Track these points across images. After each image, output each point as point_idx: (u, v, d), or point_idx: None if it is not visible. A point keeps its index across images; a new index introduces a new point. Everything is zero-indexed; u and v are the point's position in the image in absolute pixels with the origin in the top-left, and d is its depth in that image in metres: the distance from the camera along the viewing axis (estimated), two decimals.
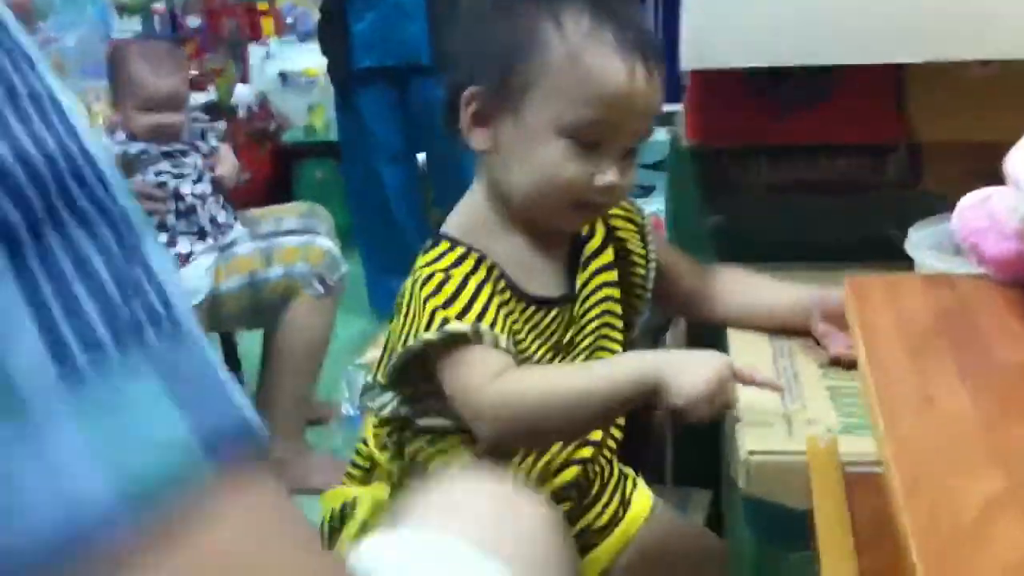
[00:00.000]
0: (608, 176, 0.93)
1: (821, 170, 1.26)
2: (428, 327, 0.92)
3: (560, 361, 1.01)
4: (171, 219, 2.01)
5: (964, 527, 0.51)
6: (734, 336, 1.08)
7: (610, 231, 1.06)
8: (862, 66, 1.14)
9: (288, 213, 2.24)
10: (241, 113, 3.33)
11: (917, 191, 1.23)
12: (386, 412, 1.01)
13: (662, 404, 0.88)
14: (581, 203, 0.95)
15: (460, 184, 2.75)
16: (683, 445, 1.26)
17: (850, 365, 0.97)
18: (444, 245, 0.97)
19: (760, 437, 0.88)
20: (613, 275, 1.05)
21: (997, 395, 0.64)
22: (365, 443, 1.06)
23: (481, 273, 0.95)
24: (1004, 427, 0.59)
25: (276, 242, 2.13)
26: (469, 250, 0.96)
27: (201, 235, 2.04)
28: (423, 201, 2.94)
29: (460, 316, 0.92)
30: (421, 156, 2.89)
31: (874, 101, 1.20)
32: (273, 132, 3.50)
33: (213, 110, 2.99)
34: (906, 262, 1.07)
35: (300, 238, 2.15)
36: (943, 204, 1.14)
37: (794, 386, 0.97)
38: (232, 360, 2.33)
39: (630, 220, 1.08)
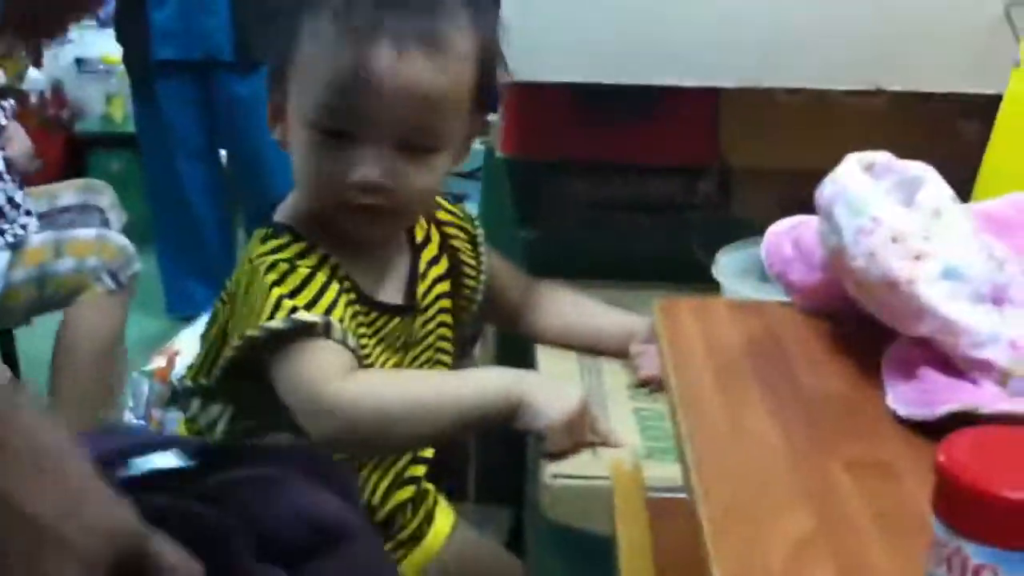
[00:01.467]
0: (361, 170, 0.85)
1: (635, 189, 1.26)
2: (272, 316, 0.84)
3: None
4: None
5: (773, 571, 0.49)
6: (542, 352, 1.06)
7: (444, 239, 1.02)
8: (681, 88, 1.14)
9: (64, 189, 2.12)
10: (33, 99, 3.13)
11: (727, 215, 1.24)
12: (219, 430, 0.93)
13: (520, 424, 0.85)
14: (348, 204, 0.87)
15: (264, 183, 2.67)
16: (486, 461, 1.23)
17: (658, 388, 0.96)
18: (286, 236, 0.89)
19: (564, 460, 0.86)
20: (447, 286, 1.01)
21: (804, 426, 0.63)
22: None
23: (327, 270, 0.88)
24: (813, 460, 0.59)
25: (68, 234, 2.00)
26: (313, 246, 0.89)
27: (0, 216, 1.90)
28: (225, 200, 2.83)
29: (308, 307, 0.85)
30: (223, 153, 2.78)
31: (690, 123, 1.21)
32: (67, 120, 3.30)
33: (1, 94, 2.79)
34: (715, 287, 1.07)
35: (93, 232, 2.03)
36: (751, 229, 1.16)
37: (601, 407, 0.95)
38: (9, 358, 2.17)
39: (463, 229, 1.04)
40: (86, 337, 1.97)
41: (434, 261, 1.00)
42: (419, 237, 0.99)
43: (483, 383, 0.88)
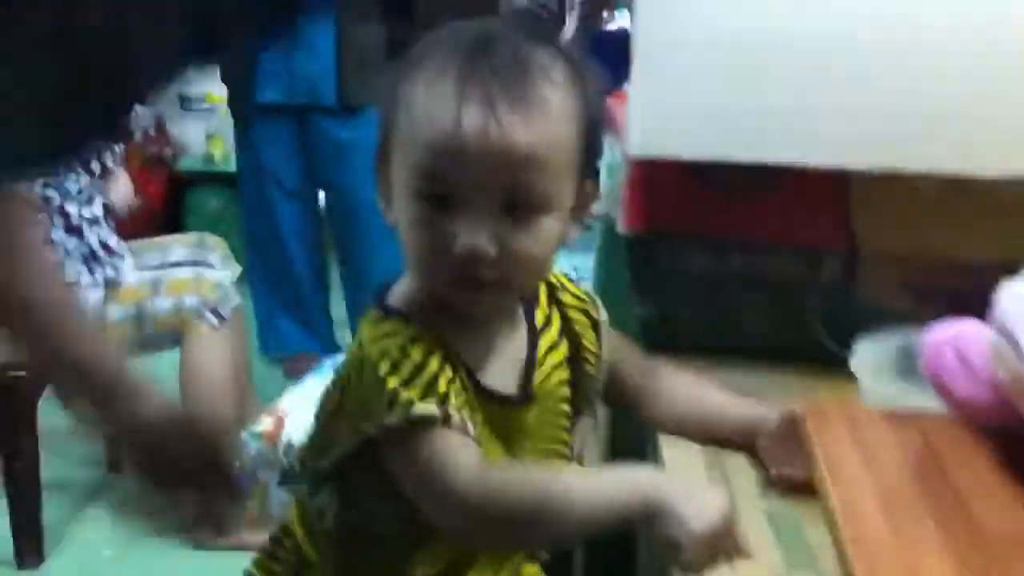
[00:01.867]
0: (465, 237, 0.81)
1: (756, 266, 1.22)
2: (389, 409, 0.82)
3: None
4: (59, 234, 1.90)
5: None
6: (665, 442, 1.02)
7: (565, 323, 0.98)
8: (808, 167, 1.11)
9: (176, 243, 2.15)
10: (136, 136, 3.19)
11: (852, 298, 1.20)
12: (329, 520, 0.91)
13: (659, 531, 0.80)
14: (454, 276, 0.84)
15: (360, 225, 2.69)
16: (594, 556, 1.20)
17: (791, 488, 0.92)
18: (397, 320, 0.87)
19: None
20: (567, 372, 0.97)
21: (982, 566, 0.59)
22: (289, 534, 0.96)
23: (439, 356, 0.85)
24: None
25: (165, 273, 2.04)
26: (424, 330, 0.86)
27: (92, 258, 1.94)
28: (319, 241, 2.85)
29: (423, 398, 0.82)
30: (322, 195, 2.80)
31: (816, 203, 1.18)
32: (169, 158, 3.36)
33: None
34: (835, 367, 1.04)
35: (191, 269, 2.06)
36: (877, 314, 1.12)
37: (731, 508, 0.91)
38: None
39: (586, 313, 1.00)
40: (204, 374, 2.00)
41: (553, 347, 0.97)
42: (539, 321, 0.96)
43: (621, 485, 0.84)
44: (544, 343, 0.95)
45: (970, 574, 0.57)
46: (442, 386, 0.83)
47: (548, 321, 0.97)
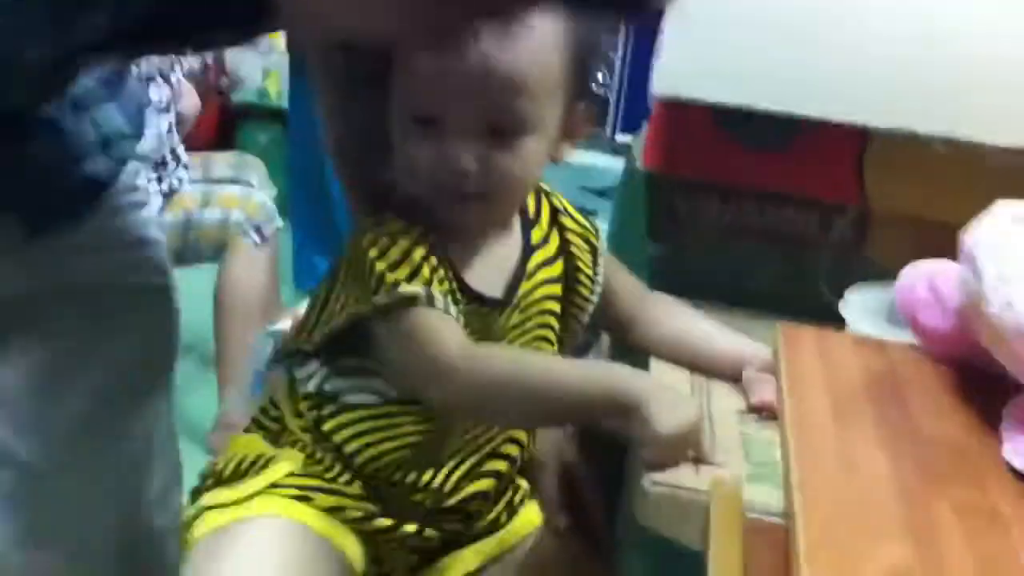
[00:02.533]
0: (451, 155, 0.88)
1: (768, 218, 1.25)
2: (377, 289, 0.88)
3: None
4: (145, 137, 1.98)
5: None
6: (656, 364, 1.06)
7: (564, 244, 1.03)
8: (828, 123, 1.14)
9: (218, 160, 2.22)
10: (196, 65, 3.26)
11: (860, 256, 1.23)
12: (311, 385, 0.97)
13: (626, 427, 0.85)
14: (441, 189, 0.90)
15: None
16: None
17: (768, 417, 0.95)
18: (390, 219, 0.93)
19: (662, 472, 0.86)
20: (557, 289, 1.02)
21: (915, 465, 0.63)
22: (275, 405, 1.02)
23: (425, 246, 0.91)
24: (919, 498, 0.58)
25: (214, 187, 2.10)
26: (413, 224, 0.92)
27: (162, 165, 2.00)
28: None
29: (408, 280, 0.88)
30: None
31: (833, 159, 1.20)
32: (225, 88, 3.43)
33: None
34: (837, 323, 1.06)
35: (239, 188, 2.12)
36: (884, 272, 1.15)
37: (708, 426, 0.95)
38: None
39: (586, 240, 1.05)
40: (242, 290, 2.06)
41: (547, 263, 1.01)
42: (536, 238, 1.01)
43: (598, 374, 0.89)
44: (537, 258, 1.00)
45: (896, 460, 0.61)
46: (425, 272, 0.89)
47: (545, 240, 1.02)
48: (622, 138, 3.32)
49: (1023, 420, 0.64)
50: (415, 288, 0.88)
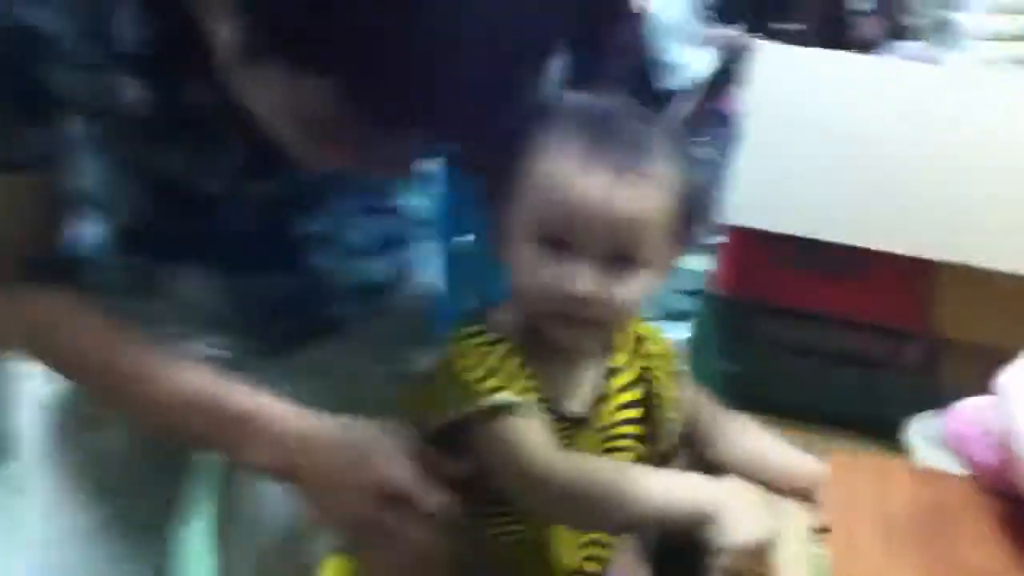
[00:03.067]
0: (580, 281, 0.93)
1: (841, 342, 1.29)
2: (468, 397, 0.94)
3: None
4: None
5: None
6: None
7: (644, 371, 1.08)
8: (892, 253, 1.18)
9: None
10: None
11: (933, 382, 1.25)
12: None
13: (706, 538, 0.89)
14: (563, 313, 0.95)
15: None
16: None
17: None
18: (482, 335, 0.99)
19: None
20: (638, 413, 1.07)
21: None
22: None
23: (515, 362, 0.97)
24: None
25: None
26: (504, 338, 0.98)
27: None
28: None
29: (501, 389, 0.94)
30: None
31: (902, 286, 1.24)
32: None
33: None
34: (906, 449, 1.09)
35: None
36: (955, 400, 1.17)
37: (779, 542, 0.97)
38: None
39: (668, 362, 1.10)
40: None
41: (626, 388, 1.07)
42: (618, 362, 1.07)
43: (683, 485, 0.92)
44: (617, 381, 1.06)
45: None
46: (518, 385, 0.95)
47: (628, 365, 1.07)
48: (711, 240, 3.34)
49: None
50: (509, 397, 0.94)
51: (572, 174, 0.94)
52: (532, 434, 0.94)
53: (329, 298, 1.10)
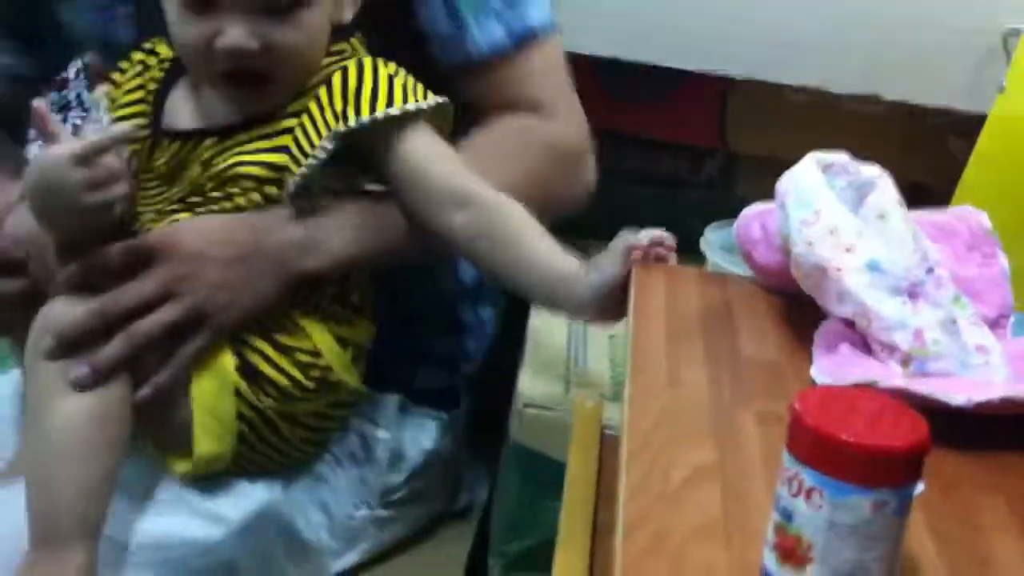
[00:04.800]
0: (227, 35, 0.85)
1: (644, 162, 1.35)
2: None
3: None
4: None
5: (669, 491, 0.59)
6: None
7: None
8: (695, 75, 1.23)
9: None
10: None
11: (729, 196, 1.33)
12: None
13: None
14: (220, 71, 0.88)
15: None
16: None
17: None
18: None
19: (538, 392, 0.96)
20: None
21: (732, 382, 0.73)
22: None
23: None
24: (729, 410, 0.68)
25: None
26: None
27: None
28: None
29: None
30: None
31: (701, 109, 1.30)
32: None
33: None
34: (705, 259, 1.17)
35: None
36: None
37: (581, 346, 1.05)
38: None
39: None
40: None
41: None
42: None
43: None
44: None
45: (716, 379, 0.71)
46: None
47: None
48: None
49: (826, 342, 0.75)
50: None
51: None
52: None
53: None
